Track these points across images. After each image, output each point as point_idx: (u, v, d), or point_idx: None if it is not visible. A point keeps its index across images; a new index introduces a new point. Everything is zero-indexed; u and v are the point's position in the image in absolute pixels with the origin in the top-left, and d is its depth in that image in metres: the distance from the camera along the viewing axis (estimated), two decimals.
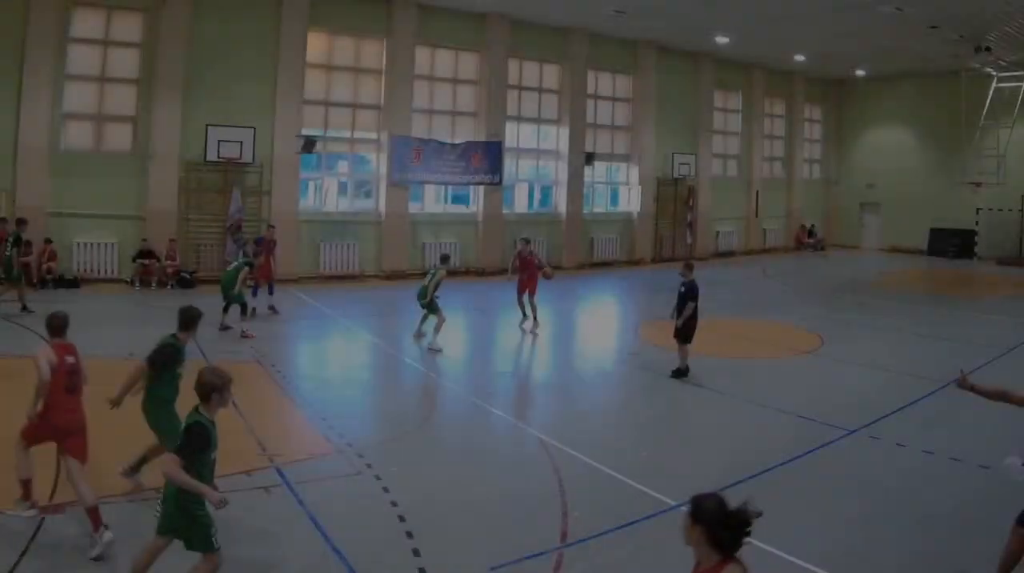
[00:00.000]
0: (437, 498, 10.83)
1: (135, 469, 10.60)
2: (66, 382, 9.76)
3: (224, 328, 21.29)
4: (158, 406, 10.22)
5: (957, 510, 10.95)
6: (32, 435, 9.69)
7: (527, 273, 23.19)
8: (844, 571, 9.14)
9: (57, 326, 10.49)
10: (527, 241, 22.52)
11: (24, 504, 9.63)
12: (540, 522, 10.15)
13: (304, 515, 10.08)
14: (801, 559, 9.16)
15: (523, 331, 22.37)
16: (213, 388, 7.85)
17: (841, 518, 10.58)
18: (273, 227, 26.86)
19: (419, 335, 21.21)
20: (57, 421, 9.58)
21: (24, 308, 21.93)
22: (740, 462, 12.34)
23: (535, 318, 22.55)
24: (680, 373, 17.82)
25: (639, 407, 16.37)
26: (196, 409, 7.92)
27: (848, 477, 12.19)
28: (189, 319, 10.81)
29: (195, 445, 7.68)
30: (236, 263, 22.18)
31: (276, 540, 9.49)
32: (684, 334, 17.79)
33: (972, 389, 8.67)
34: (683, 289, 17.84)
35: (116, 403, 10.18)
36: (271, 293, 24.84)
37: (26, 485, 9.68)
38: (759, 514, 5.70)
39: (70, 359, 10.03)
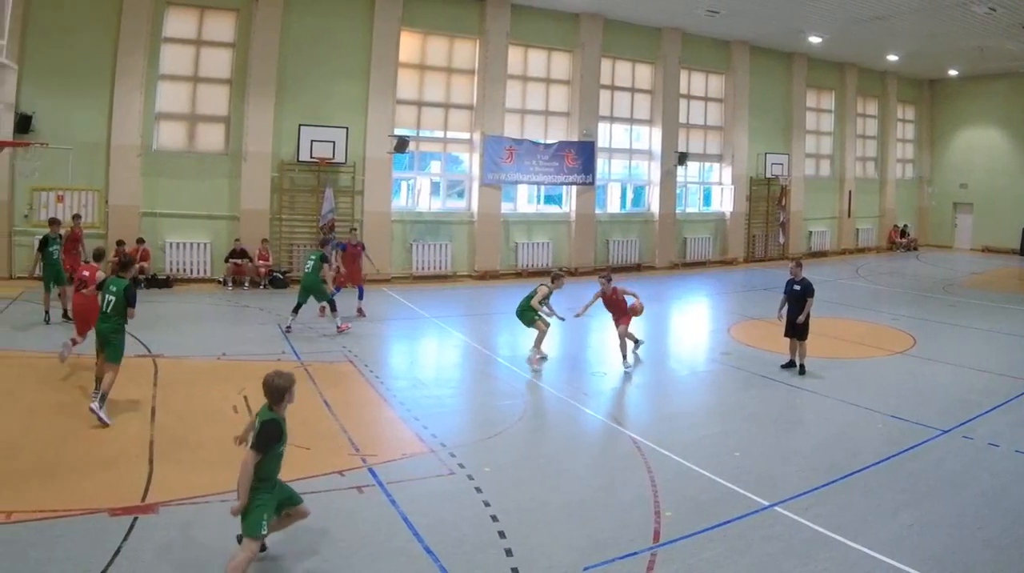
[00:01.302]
0: (530, 498, 10.37)
1: None
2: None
3: (288, 330, 20.13)
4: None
5: None
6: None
7: (616, 312, 18.78)
8: (937, 572, 8.63)
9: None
10: (608, 278, 18.28)
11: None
12: (633, 522, 9.70)
13: (397, 515, 9.66)
14: (894, 559, 8.76)
15: (627, 374, 18.08)
16: (284, 390, 8.16)
17: (934, 518, 10.01)
18: (355, 230, 25.16)
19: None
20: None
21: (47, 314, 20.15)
22: (832, 462, 11.91)
23: (624, 354, 18.23)
24: (803, 369, 17.31)
25: (731, 407, 15.26)
26: (268, 408, 8.19)
27: (941, 477, 11.49)
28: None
29: (271, 440, 7.95)
30: (311, 262, 20.56)
31: (369, 540, 9.05)
32: (803, 331, 17.22)
33: None
34: (798, 288, 17.27)
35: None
36: (360, 297, 23.05)
37: None
38: None
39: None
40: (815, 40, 37.56)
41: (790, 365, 17.48)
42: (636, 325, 18.89)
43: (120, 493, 9.80)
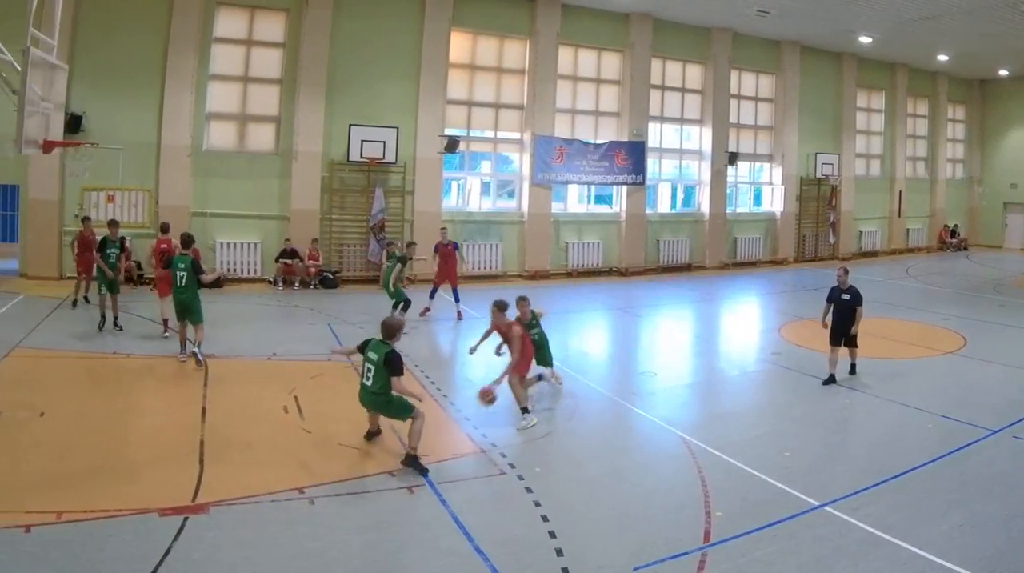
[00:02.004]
0: (580, 498, 10.13)
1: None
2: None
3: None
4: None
5: None
6: None
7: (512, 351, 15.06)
8: (987, 572, 8.34)
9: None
10: (501, 308, 13.96)
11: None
12: (683, 522, 9.46)
13: (447, 515, 9.43)
14: (944, 559, 8.50)
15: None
16: (398, 328, 11.13)
17: (984, 519, 9.65)
18: (445, 229, 23.88)
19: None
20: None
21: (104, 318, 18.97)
22: (882, 462, 11.52)
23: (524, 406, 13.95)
24: (854, 369, 16.43)
25: (781, 407, 14.86)
26: (384, 342, 10.79)
27: (991, 477, 11.07)
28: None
29: (402, 362, 10.73)
30: (389, 263, 20.69)
31: (419, 540, 8.95)
32: (854, 339, 16.06)
33: None
34: (847, 298, 16.02)
35: None
36: (456, 299, 22.27)
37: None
38: None
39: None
40: (865, 40, 35.98)
41: (831, 380, 15.92)
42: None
43: (170, 493, 9.54)
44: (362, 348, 11.28)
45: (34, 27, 13.86)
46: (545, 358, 14.71)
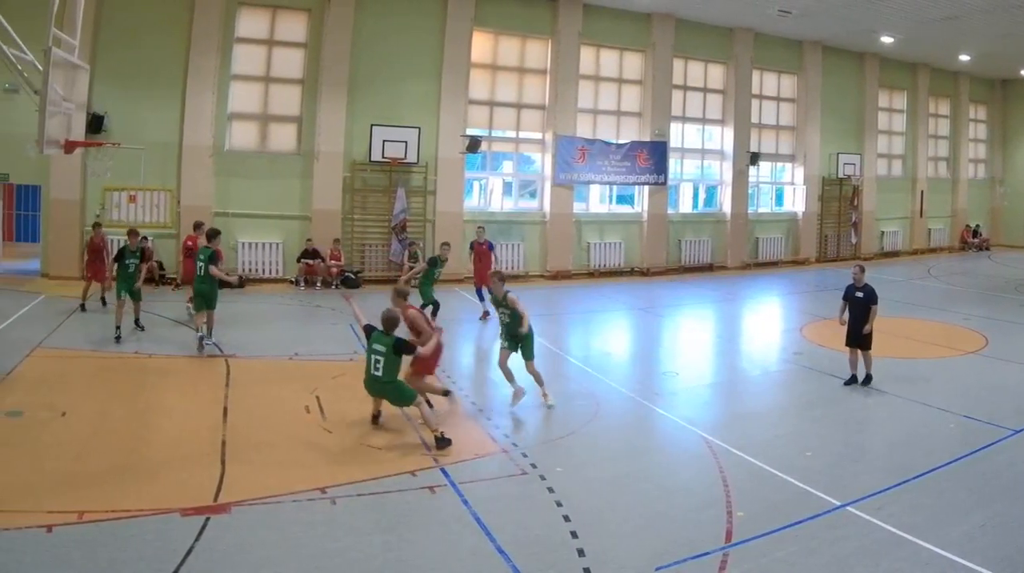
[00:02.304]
0: (602, 498, 9.97)
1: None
2: None
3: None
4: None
5: None
6: None
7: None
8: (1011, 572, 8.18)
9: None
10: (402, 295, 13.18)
11: None
12: (705, 522, 9.28)
13: (469, 515, 9.27)
14: (966, 559, 8.32)
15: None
16: (398, 320, 11.75)
17: (1006, 519, 9.49)
18: (482, 228, 23.25)
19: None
20: None
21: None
22: (904, 462, 11.32)
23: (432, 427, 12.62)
24: (869, 379, 15.44)
25: (803, 407, 14.60)
26: (386, 334, 11.53)
27: (1013, 478, 10.88)
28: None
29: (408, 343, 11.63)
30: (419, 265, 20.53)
31: (441, 540, 8.70)
32: (867, 342, 15.31)
33: None
34: (861, 295, 15.39)
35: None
36: (481, 298, 21.57)
37: None
38: None
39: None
40: (887, 40, 35.08)
41: (852, 381, 15.44)
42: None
43: (192, 493, 9.40)
44: (368, 333, 11.81)
45: (56, 27, 13.69)
46: (528, 349, 13.82)
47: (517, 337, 13.69)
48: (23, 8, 14.83)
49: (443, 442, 11.22)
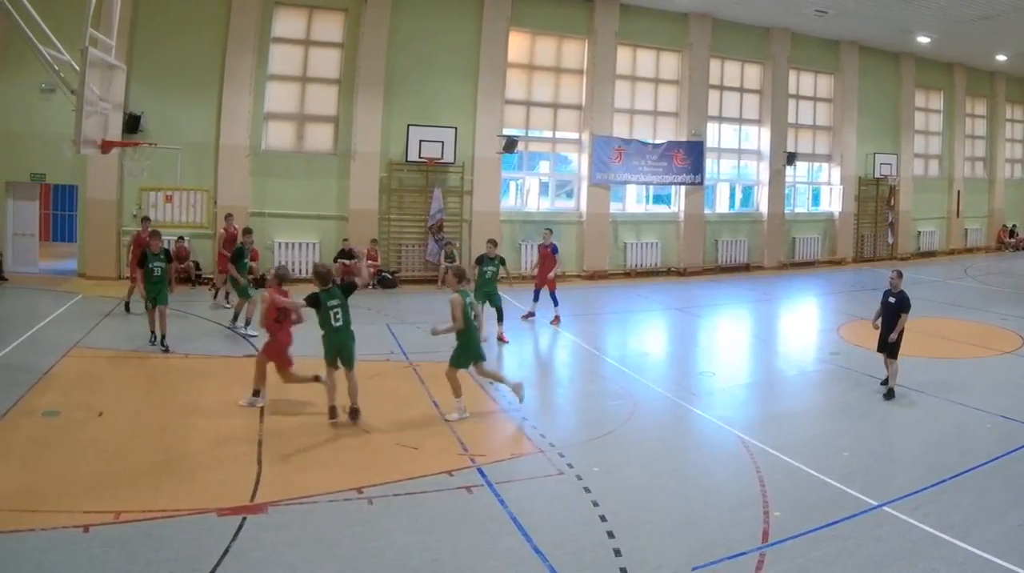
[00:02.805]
0: (638, 498, 9.66)
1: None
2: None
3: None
4: None
5: None
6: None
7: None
8: None
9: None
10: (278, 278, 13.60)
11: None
12: (741, 522, 8.97)
13: (505, 515, 9.00)
14: (1004, 559, 8.04)
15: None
16: (328, 271, 12.13)
17: None
18: (549, 230, 21.74)
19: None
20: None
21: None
22: (941, 462, 11.00)
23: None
24: (891, 394, 14.32)
25: (840, 407, 14.11)
26: (326, 287, 11.87)
27: None
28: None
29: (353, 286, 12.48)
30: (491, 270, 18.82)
31: (477, 540, 8.39)
32: (894, 349, 14.35)
33: None
34: (893, 300, 14.38)
35: None
36: (535, 299, 20.69)
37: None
38: None
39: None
40: (923, 40, 33.83)
41: (887, 383, 14.59)
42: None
43: (229, 493, 9.17)
44: (314, 303, 11.73)
45: (92, 27, 13.57)
46: (454, 356, 12.63)
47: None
48: (60, 8, 14.64)
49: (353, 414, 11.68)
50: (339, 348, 11.90)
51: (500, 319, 18.08)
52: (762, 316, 24.05)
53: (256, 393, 12.48)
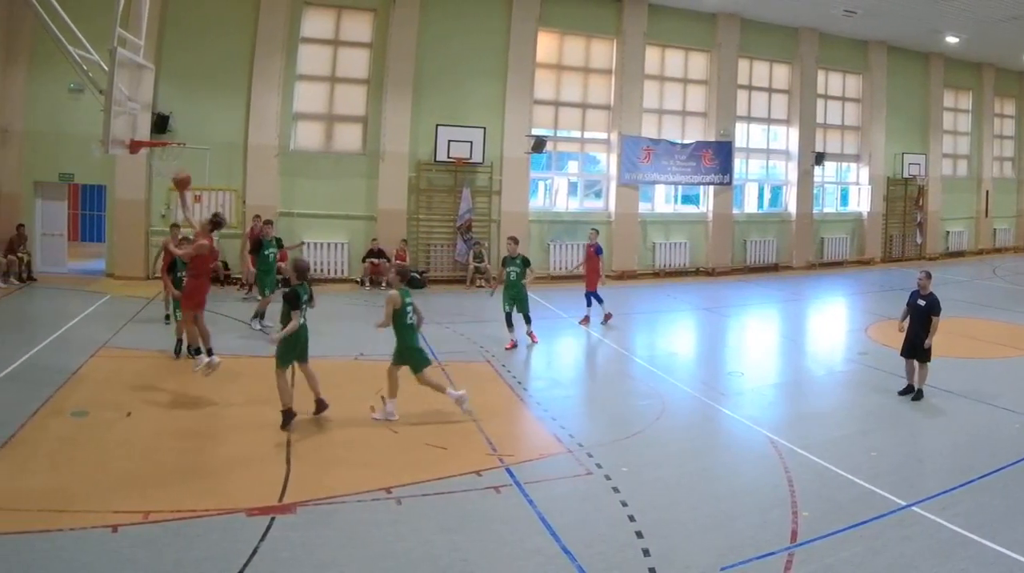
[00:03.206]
0: (667, 498, 9.43)
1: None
2: None
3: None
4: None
5: None
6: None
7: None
8: None
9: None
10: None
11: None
12: (770, 522, 8.75)
13: (534, 515, 8.80)
14: None
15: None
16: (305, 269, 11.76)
17: None
18: (596, 230, 20.81)
19: None
20: None
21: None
22: (969, 462, 10.72)
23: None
24: (920, 394, 13.72)
25: (868, 407, 13.67)
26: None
27: None
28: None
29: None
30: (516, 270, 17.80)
31: (506, 540, 8.22)
32: (925, 354, 13.58)
33: None
34: (923, 303, 13.62)
35: None
36: (589, 303, 19.78)
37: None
38: None
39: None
40: (952, 40, 32.83)
41: (908, 390, 13.87)
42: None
43: (257, 493, 9.00)
44: (294, 301, 11.29)
45: (121, 27, 13.33)
46: (402, 358, 11.94)
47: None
48: (89, 8, 14.28)
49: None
50: (305, 344, 11.60)
51: (528, 321, 17.26)
52: (790, 316, 23.56)
53: (198, 351, 12.80)
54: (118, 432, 10.86)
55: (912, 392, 13.70)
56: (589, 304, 19.59)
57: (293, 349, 11.42)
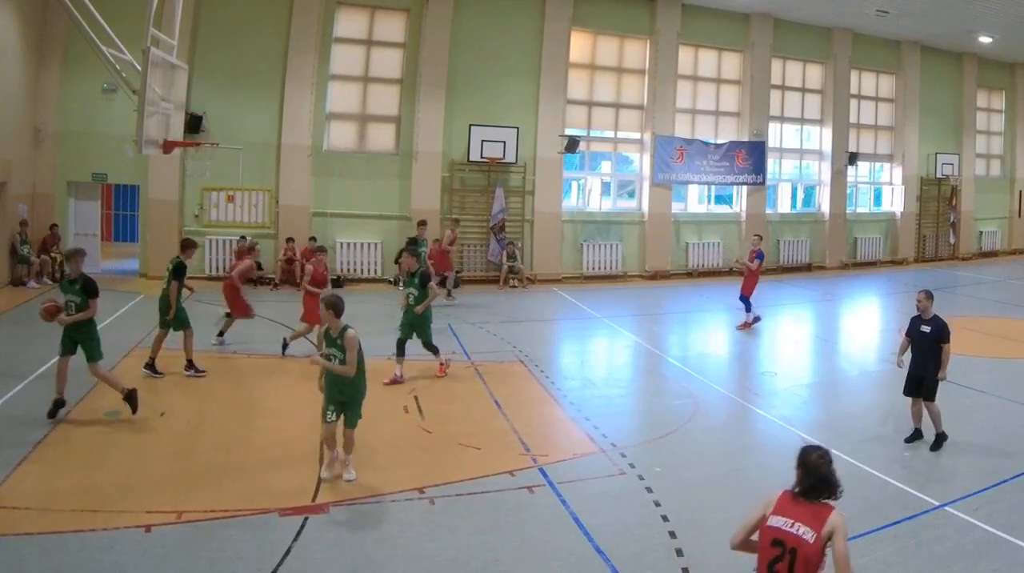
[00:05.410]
0: (700, 498, 9.12)
1: None
2: None
3: None
4: None
5: None
6: None
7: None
8: None
9: None
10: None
11: None
12: None
13: (567, 515, 8.53)
14: None
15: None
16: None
17: None
18: (759, 237, 19.86)
19: None
20: None
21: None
22: (1003, 462, 10.26)
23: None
24: (942, 439, 10.80)
25: (902, 407, 12.06)
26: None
27: None
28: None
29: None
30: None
31: (539, 539, 7.98)
32: (931, 390, 10.79)
33: None
34: (928, 329, 10.83)
35: None
36: (747, 308, 19.37)
37: None
38: None
39: None
40: (985, 40, 31.30)
41: (916, 436, 10.94)
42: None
43: (290, 493, 8.77)
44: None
45: (154, 27, 13.11)
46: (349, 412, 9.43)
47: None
48: (122, 8, 13.98)
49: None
50: None
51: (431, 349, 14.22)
52: (824, 316, 22.85)
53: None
54: (151, 432, 10.63)
55: (919, 437, 10.96)
56: (748, 309, 19.06)
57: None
